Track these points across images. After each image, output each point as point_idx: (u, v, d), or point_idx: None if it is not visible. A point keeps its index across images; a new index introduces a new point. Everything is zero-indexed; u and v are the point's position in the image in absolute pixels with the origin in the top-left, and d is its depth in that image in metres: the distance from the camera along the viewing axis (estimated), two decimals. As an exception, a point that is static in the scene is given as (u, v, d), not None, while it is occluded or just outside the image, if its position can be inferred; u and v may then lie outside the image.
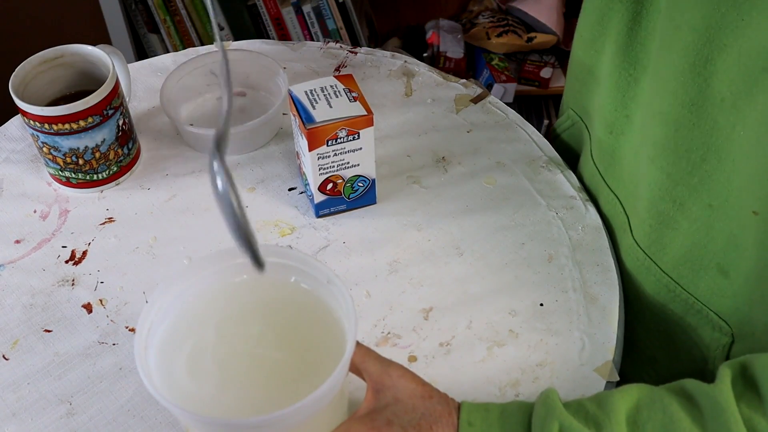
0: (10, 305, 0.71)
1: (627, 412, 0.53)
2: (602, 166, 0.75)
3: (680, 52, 0.58)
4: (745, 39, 0.52)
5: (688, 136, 0.60)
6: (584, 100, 0.78)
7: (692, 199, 0.62)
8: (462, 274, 0.72)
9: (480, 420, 0.54)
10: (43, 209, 0.79)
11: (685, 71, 0.58)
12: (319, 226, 0.76)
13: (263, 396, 0.53)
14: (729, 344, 0.66)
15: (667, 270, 0.67)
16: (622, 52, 0.68)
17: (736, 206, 0.59)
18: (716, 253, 0.62)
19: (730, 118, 0.56)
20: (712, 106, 0.57)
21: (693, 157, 0.60)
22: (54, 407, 0.63)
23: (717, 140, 0.58)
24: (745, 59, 0.53)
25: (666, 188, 0.64)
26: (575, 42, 0.77)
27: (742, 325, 0.64)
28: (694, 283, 0.66)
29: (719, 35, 0.54)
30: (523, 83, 1.86)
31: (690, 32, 0.57)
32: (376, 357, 0.57)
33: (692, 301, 0.66)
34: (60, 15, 1.75)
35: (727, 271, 0.62)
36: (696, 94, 0.58)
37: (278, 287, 0.57)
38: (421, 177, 0.81)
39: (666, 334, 0.71)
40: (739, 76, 0.54)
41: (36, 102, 0.73)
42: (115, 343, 0.68)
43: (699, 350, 0.68)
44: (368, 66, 0.94)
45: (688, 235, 0.64)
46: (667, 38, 0.60)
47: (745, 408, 0.51)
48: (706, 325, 0.66)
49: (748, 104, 0.54)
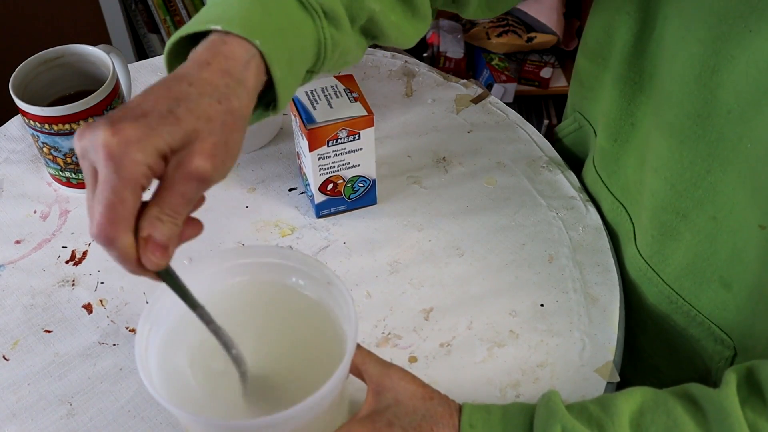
0: (11, 306, 0.71)
1: (630, 415, 0.53)
2: (604, 173, 0.75)
3: (686, 62, 0.58)
4: (752, 50, 0.52)
5: (693, 148, 0.59)
6: (589, 105, 0.78)
7: (696, 210, 0.62)
8: (462, 275, 0.72)
9: (481, 422, 0.54)
10: (44, 209, 0.79)
11: (690, 82, 0.57)
12: (319, 226, 0.76)
13: (264, 397, 0.53)
14: (731, 357, 0.65)
15: (669, 281, 0.67)
16: (628, 61, 0.67)
17: (741, 219, 0.58)
18: (719, 265, 0.62)
19: (737, 130, 0.55)
20: (718, 118, 0.56)
21: (698, 168, 0.60)
22: (54, 408, 0.63)
23: (723, 152, 0.57)
24: (753, 71, 0.52)
25: (669, 199, 0.64)
26: (580, 50, 0.77)
27: (744, 338, 0.64)
28: (696, 295, 0.65)
29: (726, 46, 0.54)
30: (523, 83, 1.86)
31: (696, 43, 0.56)
32: (377, 359, 0.56)
33: (694, 313, 0.66)
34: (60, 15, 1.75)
35: (730, 285, 0.62)
36: (702, 105, 0.57)
37: (278, 288, 0.57)
38: (421, 177, 0.81)
39: (668, 344, 0.71)
40: (746, 88, 0.53)
41: (36, 102, 0.73)
42: (115, 343, 0.67)
43: (702, 361, 0.68)
44: (368, 66, 0.94)
45: (691, 247, 0.64)
46: (673, 49, 0.60)
47: (750, 413, 0.51)
48: (709, 337, 0.66)
49: (755, 116, 0.53)
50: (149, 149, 0.42)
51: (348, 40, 0.56)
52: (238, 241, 0.75)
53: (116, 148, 0.42)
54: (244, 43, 0.48)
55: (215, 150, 0.45)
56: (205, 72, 0.46)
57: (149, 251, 0.43)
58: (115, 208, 0.42)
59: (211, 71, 0.46)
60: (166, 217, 0.43)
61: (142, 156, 0.42)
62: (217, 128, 0.45)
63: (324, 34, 0.53)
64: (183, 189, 0.44)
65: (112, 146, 0.42)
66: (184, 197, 0.44)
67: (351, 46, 0.57)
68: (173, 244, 0.44)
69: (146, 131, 0.42)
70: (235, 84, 0.47)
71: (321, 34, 0.53)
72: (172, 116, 0.43)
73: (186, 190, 0.44)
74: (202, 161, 0.44)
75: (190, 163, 0.44)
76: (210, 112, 0.45)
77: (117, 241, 0.42)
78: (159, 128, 0.43)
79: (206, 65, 0.46)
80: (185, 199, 0.44)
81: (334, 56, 0.55)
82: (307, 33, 0.52)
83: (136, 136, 0.42)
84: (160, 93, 0.44)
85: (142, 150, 0.42)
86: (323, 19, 0.52)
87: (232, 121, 0.46)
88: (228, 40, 0.47)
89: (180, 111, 0.44)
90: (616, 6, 0.68)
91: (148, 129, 0.43)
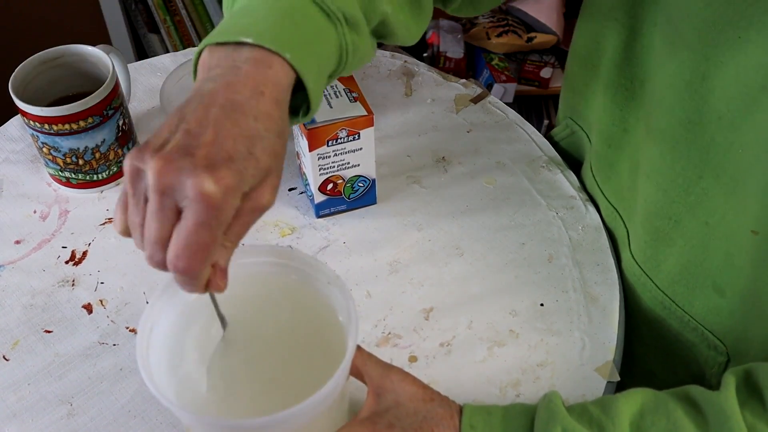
0: (11, 306, 0.71)
1: (631, 417, 0.53)
2: (600, 178, 0.75)
3: (676, 69, 0.58)
4: (742, 56, 0.52)
5: (684, 154, 0.59)
6: (582, 111, 0.78)
7: (688, 216, 0.62)
8: (462, 274, 0.72)
9: (482, 423, 0.54)
10: (43, 210, 0.79)
11: (681, 88, 0.57)
12: (319, 226, 0.76)
13: (264, 397, 0.53)
14: (725, 363, 0.65)
15: (663, 287, 0.67)
16: (618, 68, 0.67)
17: (733, 225, 0.58)
18: (712, 271, 0.62)
19: (728, 137, 0.55)
20: (708, 124, 0.56)
21: (689, 174, 0.60)
22: (54, 408, 0.63)
23: (714, 158, 0.57)
24: (743, 77, 0.52)
25: (662, 205, 0.64)
26: (570, 57, 0.77)
27: (736, 344, 0.64)
28: (689, 301, 0.65)
29: (716, 52, 0.54)
30: (523, 83, 1.86)
31: (686, 49, 0.56)
32: (377, 361, 0.56)
33: (687, 319, 0.66)
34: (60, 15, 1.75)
35: (723, 290, 0.62)
36: (692, 111, 0.57)
37: (278, 288, 0.57)
38: (421, 177, 0.81)
39: (663, 349, 0.71)
40: (737, 94, 0.53)
41: (36, 102, 0.73)
42: (115, 343, 0.67)
43: (697, 366, 0.68)
44: (368, 66, 0.94)
45: (683, 253, 0.64)
46: (663, 55, 0.60)
47: (749, 415, 0.51)
48: (702, 343, 0.66)
49: (746, 122, 0.53)
50: (240, 194, 0.44)
51: (366, 42, 0.56)
52: (238, 241, 0.75)
53: (220, 198, 0.43)
54: (285, 67, 0.48)
55: (279, 182, 0.48)
56: (262, 104, 0.46)
57: (218, 278, 0.46)
58: (209, 247, 0.43)
59: (266, 103, 0.47)
60: (229, 244, 0.46)
61: (238, 201, 0.44)
62: (281, 163, 0.48)
63: (346, 40, 0.53)
64: (249, 219, 0.46)
65: (216, 197, 0.42)
66: (247, 227, 0.46)
67: (368, 49, 0.58)
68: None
69: (240, 179, 0.44)
70: (284, 114, 0.48)
71: (343, 41, 0.53)
72: (253, 159, 0.45)
73: (251, 220, 0.46)
74: (270, 196, 0.46)
75: (261, 198, 0.46)
76: (276, 148, 0.47)
77: (200, 274, 0.44)
78: (246, 173, 0.44)
79: (260, 95, 0.47)
80: (247, 228, 0.46)
81: (354, 60, 0.56)
82: (330, 40, 0.52)
83: (234, 184, 0.43)
84: (232, 130, 0.45)
85: (238, 196, 0.44)
86: (344, 26, 0.53)
87: (285, 152, 0.48)
88: (272, 62, 0.48)
89: (257, 152, 0.45)
90: (604, 12, 0.68)
91: (240, 176, 0.44)
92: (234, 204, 0.44)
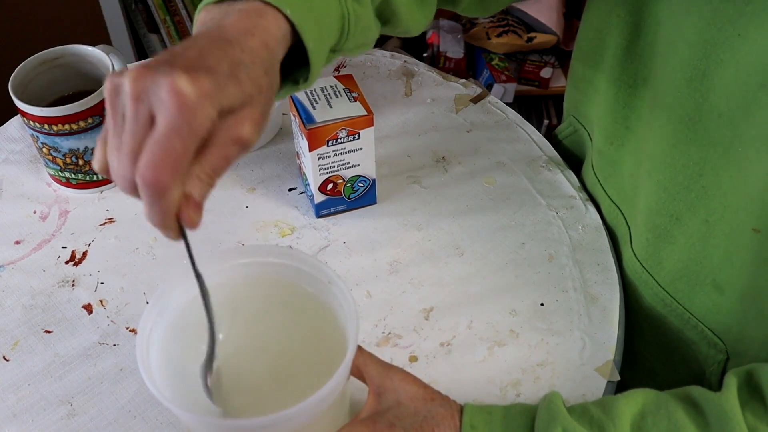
0: (11, 306, 0.70)
1: (632, 417, 0.53)
2: (602, 176, 0.75)
3: (676, 66, 0.58)
4: (742, 54, 0.52)
5: (684, 151, 0.60)
6: (585, 109, 0.78)
7: (689, 214, 0.62)
8: (462, 274, 0.72)
9: (483, 423, 0.54)
10: (43, 210, 0.79)
11: (681, 86, 0.57)
12: (319, 226, 0.76)
13: (264, 397, 0.53)
14: (724, 361, 0.65)
15: (664, 284, 0.67)
16: (620, 65, 0.67)
17: (733, 223, 0.58)
18: (712, 269, 0.62)
19: (728, 134, 0.55)
20: (709, 122, 0.56)
21: (690, 172, 0.60)
22: (54, 408, 0.63)
23: (714, 156, 0.57)
24: (743, 75, 0.52)
25: (663, 202, 0.64)
26: (574, 53, 0.77)
27: (735, 342, 0.64)
28: (689, 298, 0.65)
29: (716, 50, 0.54)
30: (523, 83, 1.86)
31: (686, 47, 0.56)
32: (378, 361, 0.56)
33: (687, 316, 0.66)
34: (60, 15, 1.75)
35: (723, 288, 0.62)
36: (693, 109, 0.57)
37: (279, 288, 0.57)
38: (421, 177, 0.81)
39: (664, 347, 0.71)
40: (736, 92, 0.53)
41: (36, 102, 0.73)
42: (115, 343, 0.67)
43: (697, 364, 0.68)
44: (368, 66, 0.94)
45: (684, 250, 0.64)
46: (665, 52, 0.60)
47: (751, 417, 0.51)
48: (702, 341, 0.66)
49: (745, 120, 0.53)
50: (217, 106, 0.42)
51: (369, 15, 0.56)
52: (238, 241, 0.75)
53: (194, 98, 0.40)
54: (278, 19, 0.47)
55: (261, 118, 0.45)
56: (251, 41, 0.45)
57: (190, 208, 0.43)
58: (179, 159, 0.41)
59: (256, 42, 0.46)
60: (205, 177, 0.43)
61: (213, 112, 0.42)
62: (264, 98, 0.45)
63: (348, 8, 0.53)
64: (226, 152, 0.43)
65: (190, 95, 0.40)
66: (225, 160, 0.43)
67: (371, 24, 0.57)
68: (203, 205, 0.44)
69: (217, 88, 0.42)
70: (272, 58, 0.47)
71: (345, 9, 0.53)
72: (234, 78, 0.43)
73: (229, 153, 0.43)
74: (250, 128, 0.44)
75: (240, 127, 0.43)
76: (261, 81, 0.45)
77: (169, 191, 0.41)
78: (226, 88, 0.42)
79: (250, 35, 0.46)
80: (226, 162, 0.44)
81: (357, 32, 0.55)
82: (332, 7, 0.52)
83: (211, 90, 0.41)
84: (217, 53, 0.44)
85: (214, 106, 0.42)
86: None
87: (272, 93, 0.47)
88: (264, 12, 0.47)
89: (241, 75, 0.44)
90: (607, 9, 0.68)
91: (218, 86, 0.42)
92: (209, 113, 0.41)
